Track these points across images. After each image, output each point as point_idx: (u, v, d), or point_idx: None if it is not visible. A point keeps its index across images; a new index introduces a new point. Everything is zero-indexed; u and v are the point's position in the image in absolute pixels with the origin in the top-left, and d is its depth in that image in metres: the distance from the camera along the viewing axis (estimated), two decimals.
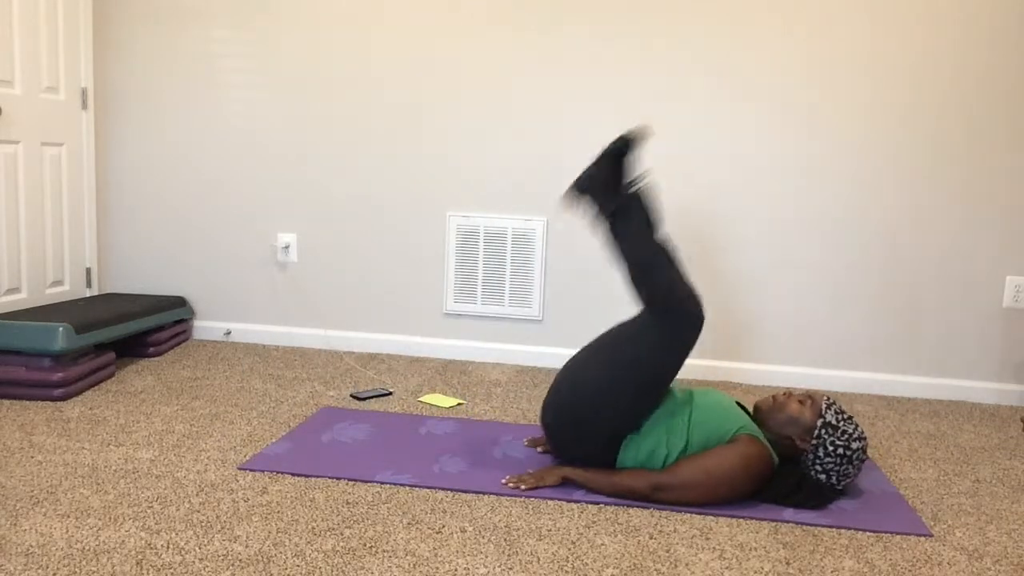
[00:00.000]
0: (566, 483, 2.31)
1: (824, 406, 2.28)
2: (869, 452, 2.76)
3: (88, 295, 3.88)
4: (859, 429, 2.27)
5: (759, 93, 3.45)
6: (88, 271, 3.89)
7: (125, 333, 3.34)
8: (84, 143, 3.81)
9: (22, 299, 3.49)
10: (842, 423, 2.26)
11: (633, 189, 2.38)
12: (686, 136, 3.51)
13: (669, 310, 2.27)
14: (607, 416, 2.27)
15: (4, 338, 2.95)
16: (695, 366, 3.60)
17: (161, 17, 3.77)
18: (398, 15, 3.63)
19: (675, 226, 3.56)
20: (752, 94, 3.45)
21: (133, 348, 3.54)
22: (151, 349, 3.55)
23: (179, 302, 3.79)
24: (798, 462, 2.31)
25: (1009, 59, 3.31)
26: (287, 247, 3.83)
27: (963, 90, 3.35)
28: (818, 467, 2.26)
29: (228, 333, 3.91)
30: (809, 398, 2.31)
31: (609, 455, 2.31)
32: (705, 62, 3.46)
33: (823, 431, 2.24)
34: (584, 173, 2.42)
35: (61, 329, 2.95)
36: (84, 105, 3.79)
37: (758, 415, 2.34)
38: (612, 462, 2.32)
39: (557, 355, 3.68)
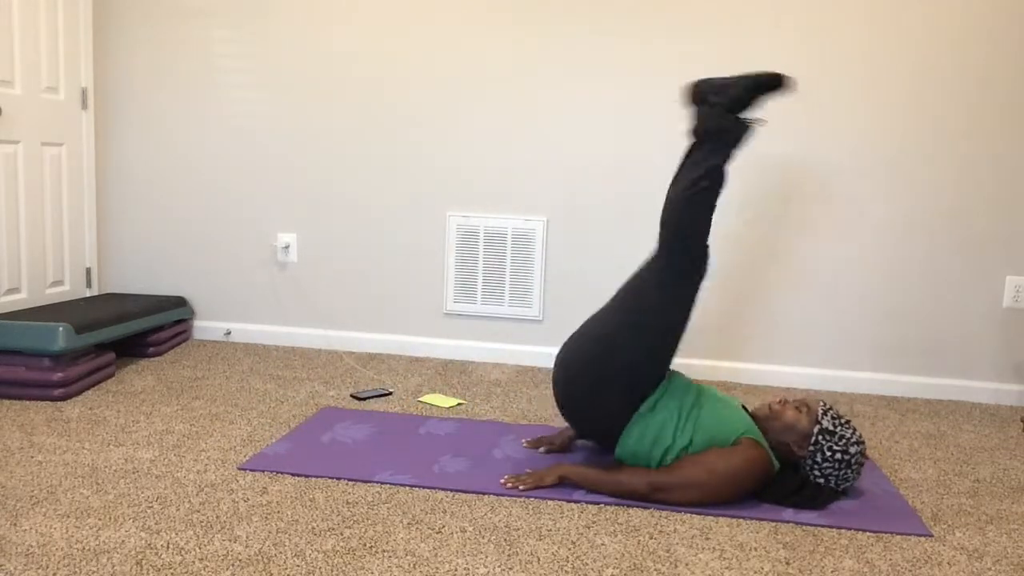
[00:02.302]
0: (564, 482, 2.31)
1: (821, 412, 2.28)
2: (869, 452, 2.77)
3: (88, 295, 3.88)
4: (856, 433, 2.27)
5: None
6: (88, 271, 3.89)
7: (125, 333, 3.34)
8: (84, 143, 3.81)
9: (22, 299, 3.49)
10: (839, 428, 2.25)
11: (741, 121, 2.35)
12: (685, 136, 3.51)
13: (690, 246, 2.29)
14: (621, 364, 2.27)
15: (4, 338, 2.95)
16: (696, 366, 3.61)
17: (161, 17, 3.77)
18: (398, 15, 3.63)
19: None
20: None
21: (133, 348, 3.54)
22: (151, 349, 3.55)
23: (179, 302, 3.79)
24: (797, 467, 2.31)
25: (1009, 58, 3.31)
26: (287, 247, 3.83)
27: (963, 90, 3.35)
28: (817, 472, 2.26)
29: (228, 333, 3.91)
30: (805, 405, 2.31)
31: (619, 419, 2.29)
32: (706, 62, 3.46)
33: (820, 437, 2.24)
34: (715, 83, 2.38)
35: (61, 329, 2.95)
36: (84, 105, 3.79)
37: (754, 423, 2.34)
38: (619, 430, 2.30)
39: None
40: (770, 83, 2.35)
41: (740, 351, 3.59)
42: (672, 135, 3.52)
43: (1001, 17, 3.29)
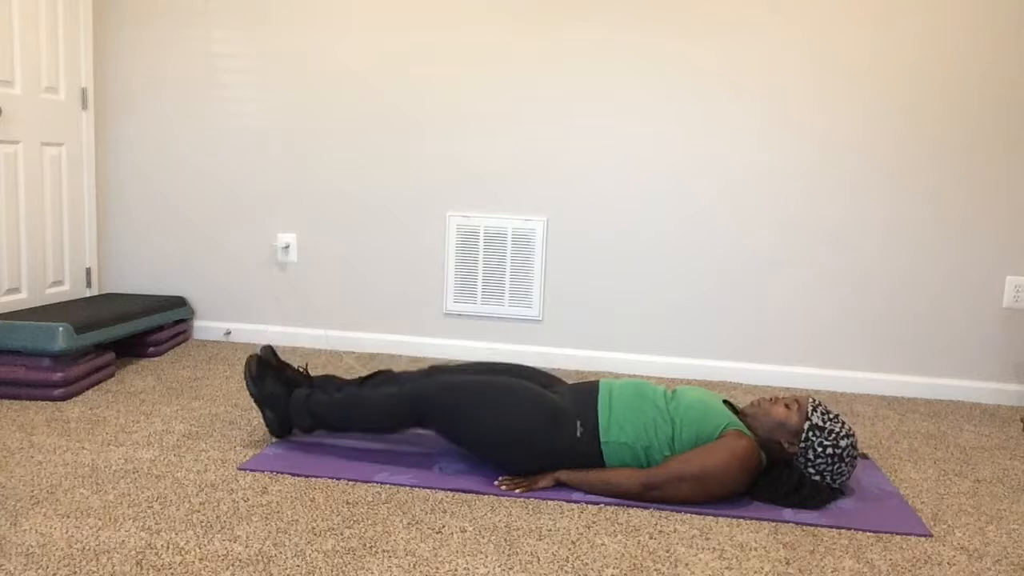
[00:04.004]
0: (559, 485, 2.31)
1: (810, 408, 2.28)
2: (870, 452, 2.77)
3: (88, 295, 3.88)
4: (846, 427, 2.27)
5: (759, 93, 3.45)
6: (88, 271, 3.89)
7: (125, 333, 3.34)
8: (84, 143, 3.81)
9: (22, 299, 3.49)
10: (828, 423, 2.26)
11: (291, 388, 2.55)
12: (686, 136, 3.51)
13: (413, 420, 2.38)
14: (522, 447, 2.31)
15: (4, 338, 2.95)
16: (697, 366, 3.61)
17: (161, 17, 3.77)
18: (399, 15, 3.63)
19: (676, 227, 3.56)
20: (752, 94, 3.45)
21: (133, 348, 3.54)
22: (151, 349, 3.55)
23: (179, 302, 3.79)
24: (790, 465, 2.31)
25: (1009, 59, 3.31)
26: (287, 247, 3.83)
27: (963, 90, 3.35)
28: (811, 469, 2.27)
29: (228, 333, 3.91)
30: (795, 401, 2.32)
31: (578, 451, 2.30)
32: (707, 62, 3.46)
33: (811, 433, 2.25)
34: (268, 422, 2.56)
35: (61, 329, 2.95)
36: (84, 105, 3.79)
37: (744, 421, 2.34)
38: (590, 456, 2.31)
39: (557, 355, 3.68)
40: (255, 369, 2.55)
41: (740, 351, 3.59)
42: (672, 135, 3.52)
43: (1004, 18, 3.29)
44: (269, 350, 2.60)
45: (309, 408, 2.47)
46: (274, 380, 2.54)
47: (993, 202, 3.39)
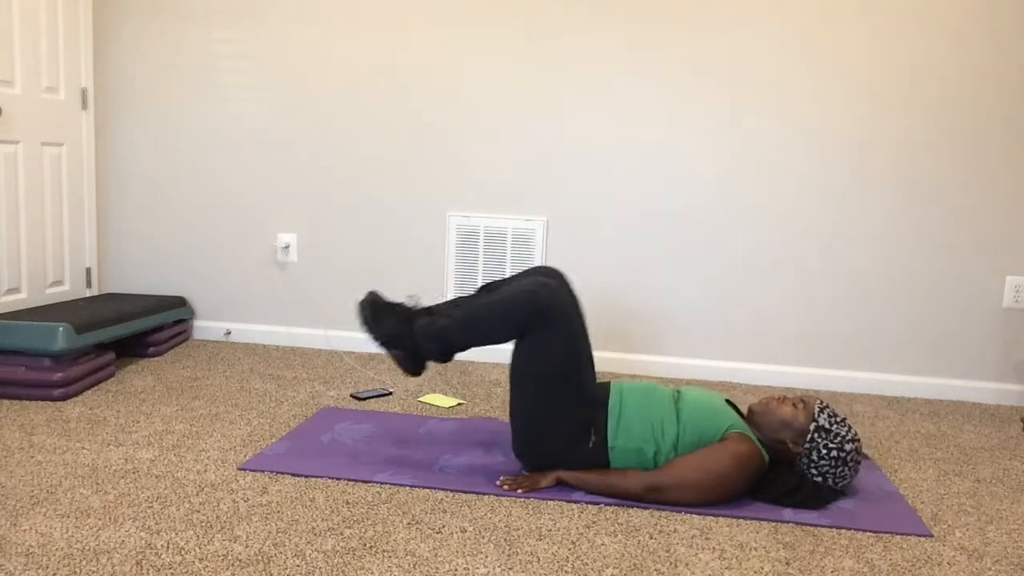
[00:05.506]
0: (560, 485, 2.31)
1: (817, 410, 2.28)
2: (870, 452, 2.77)
3: (88, 295, 3.88)
4: (852, 431, 2.28)
5: (758, 95, 3.45)
6: (88, 271, 3.89)
7: (125, 333, 3.34)
8: (84, 143, 3.81)
9: (22, 299, 3.49)
10: (835, 426, 2.26)
11: (410, 321, 2.41)
12: (685, 136, 3.51)
13: (526, 327, 2.30)
14: (552, 424, 2.30)
15: (4, 338, 2.95)
16: (697, 366, 3.61)
17: (161, 17, 3.77)
18: (399, 16, 3.63)
19: (676, 227, 3.56)
20: (751, 96, 3.45)
21: (133, 348, 3.54)
22: (151, 349, 3.55)
23: (179, 302, 3.79)
24: (793, 465, 2.31)
25: (1009, 58, 3.31)
26: (287, 247, 3.83)
27: (963, 90, 3.35)
28: (813, 470, 2.27)
29: (228, 333, 3.91)
30: (802, 402, 2.32)
31: (587, 458, 2.31)
32: (705, 64, 3.46)
33: (816, 435, 2.25)
34: (399, 361, 2.45)
35: (61, 329, 2.95)
36: (84, 105, 3.79)
37: (751, 419, 2.35)
38: (597, 463, 2.32)
39: None
40: (371, 306, 2.42)
41: (741, 351, 3.59)
42: (671, 135, 3.52)
43: (1003, 17, 3.29)
44: (375, 293, 2.48)
45: (436, 334, 2.36)
46: (392, 319, 2.41)
47: (993, 202, 3.39)
